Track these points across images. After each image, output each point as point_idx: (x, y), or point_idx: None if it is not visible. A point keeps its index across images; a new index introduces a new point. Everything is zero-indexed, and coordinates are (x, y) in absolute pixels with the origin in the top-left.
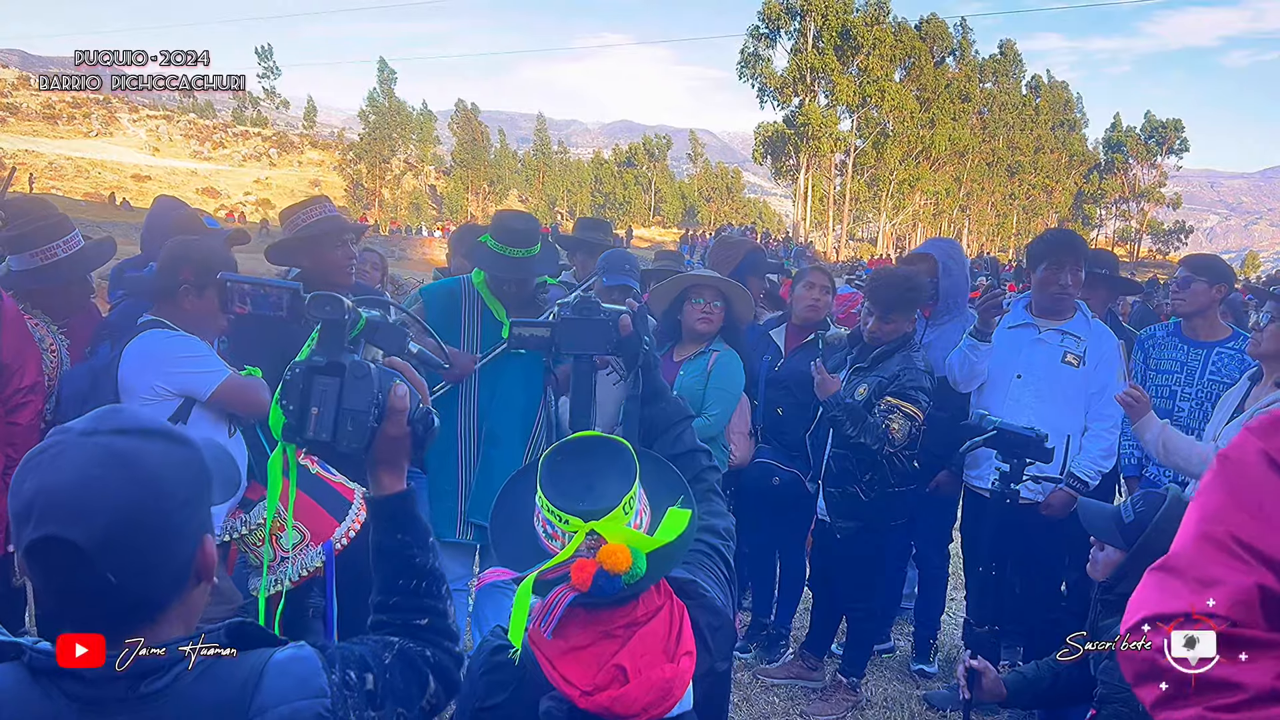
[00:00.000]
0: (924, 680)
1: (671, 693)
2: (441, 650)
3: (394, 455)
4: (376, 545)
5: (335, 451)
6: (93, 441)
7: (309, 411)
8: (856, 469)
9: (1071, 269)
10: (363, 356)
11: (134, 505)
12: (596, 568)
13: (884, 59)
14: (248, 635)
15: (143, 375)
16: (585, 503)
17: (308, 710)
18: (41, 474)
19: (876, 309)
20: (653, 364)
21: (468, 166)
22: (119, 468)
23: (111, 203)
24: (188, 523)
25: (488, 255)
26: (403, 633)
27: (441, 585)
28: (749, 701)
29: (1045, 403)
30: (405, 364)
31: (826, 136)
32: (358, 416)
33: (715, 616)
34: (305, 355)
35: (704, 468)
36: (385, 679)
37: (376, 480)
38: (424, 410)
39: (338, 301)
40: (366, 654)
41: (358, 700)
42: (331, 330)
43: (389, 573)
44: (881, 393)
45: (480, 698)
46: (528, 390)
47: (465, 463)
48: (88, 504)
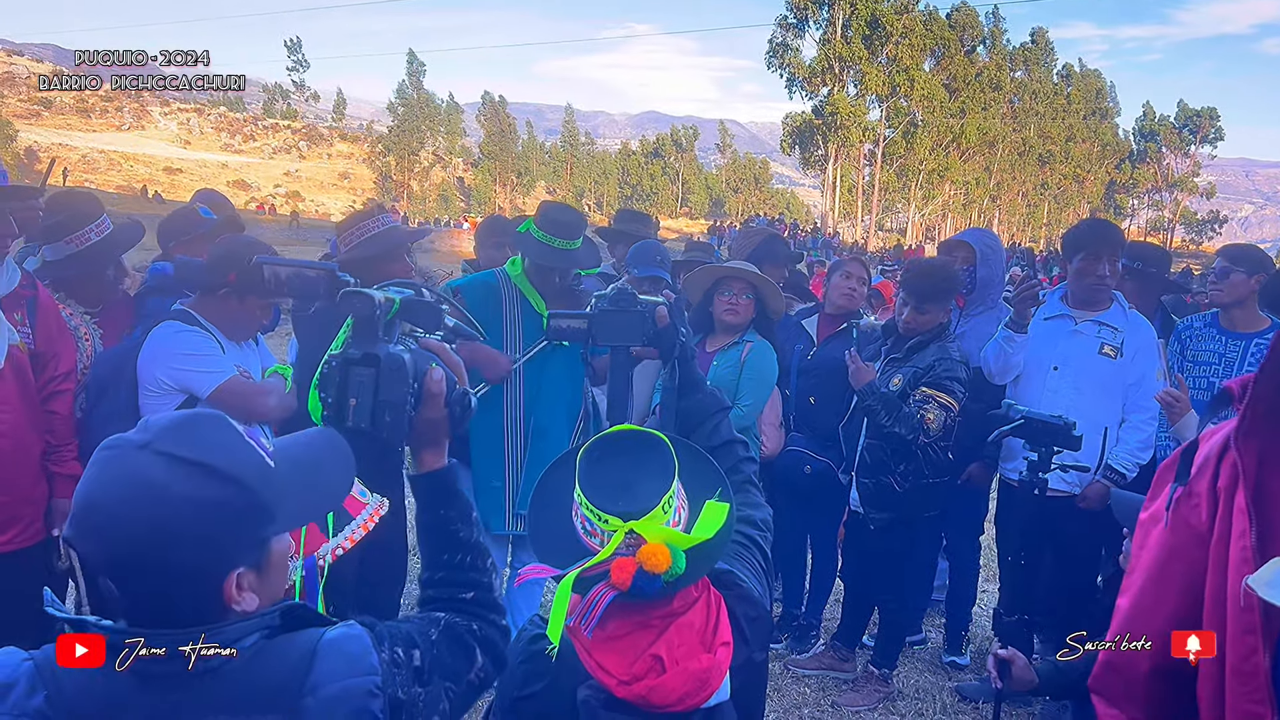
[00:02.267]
0: (955, 672)
1: (708, 683)
2: (487, 623)
3: (434, 436)
4: (420, 522)
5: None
6: (140, 459)
7: (347, 402)
8: (891, 460)
9: (1109, 259)
10: (399, 335)
11: (143, 541)
12: (636, 567)
13: (913, 48)
14: (300, 617)
15: (150, 367)
16: (624, 502)
17: (359, 687)
18: (90, 475)
19: (912, 299)
20: (689, 355)
21: (495, 159)
22: (142, 500)
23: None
24: (201, 564)
25: (533, 245)
26: (449, 607)
27: (486, 559)
28: (780, 692)
29: (1082, 394)
30: (441, 345)
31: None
32: (395, 407)
33: (752, 607)
34: (339, 346)
35: (741, 459)
36: (432, 654)
37: (418, 459)
38: (460, 391)
39: (367, 298)
40: (414, 631)
41: (405, 677)
42: (364, 324)
43: (433, 548)
44: (916, 383)
45: (518, 686)
46: (572, 382)
47: (512, 456)
48: (102, 523)
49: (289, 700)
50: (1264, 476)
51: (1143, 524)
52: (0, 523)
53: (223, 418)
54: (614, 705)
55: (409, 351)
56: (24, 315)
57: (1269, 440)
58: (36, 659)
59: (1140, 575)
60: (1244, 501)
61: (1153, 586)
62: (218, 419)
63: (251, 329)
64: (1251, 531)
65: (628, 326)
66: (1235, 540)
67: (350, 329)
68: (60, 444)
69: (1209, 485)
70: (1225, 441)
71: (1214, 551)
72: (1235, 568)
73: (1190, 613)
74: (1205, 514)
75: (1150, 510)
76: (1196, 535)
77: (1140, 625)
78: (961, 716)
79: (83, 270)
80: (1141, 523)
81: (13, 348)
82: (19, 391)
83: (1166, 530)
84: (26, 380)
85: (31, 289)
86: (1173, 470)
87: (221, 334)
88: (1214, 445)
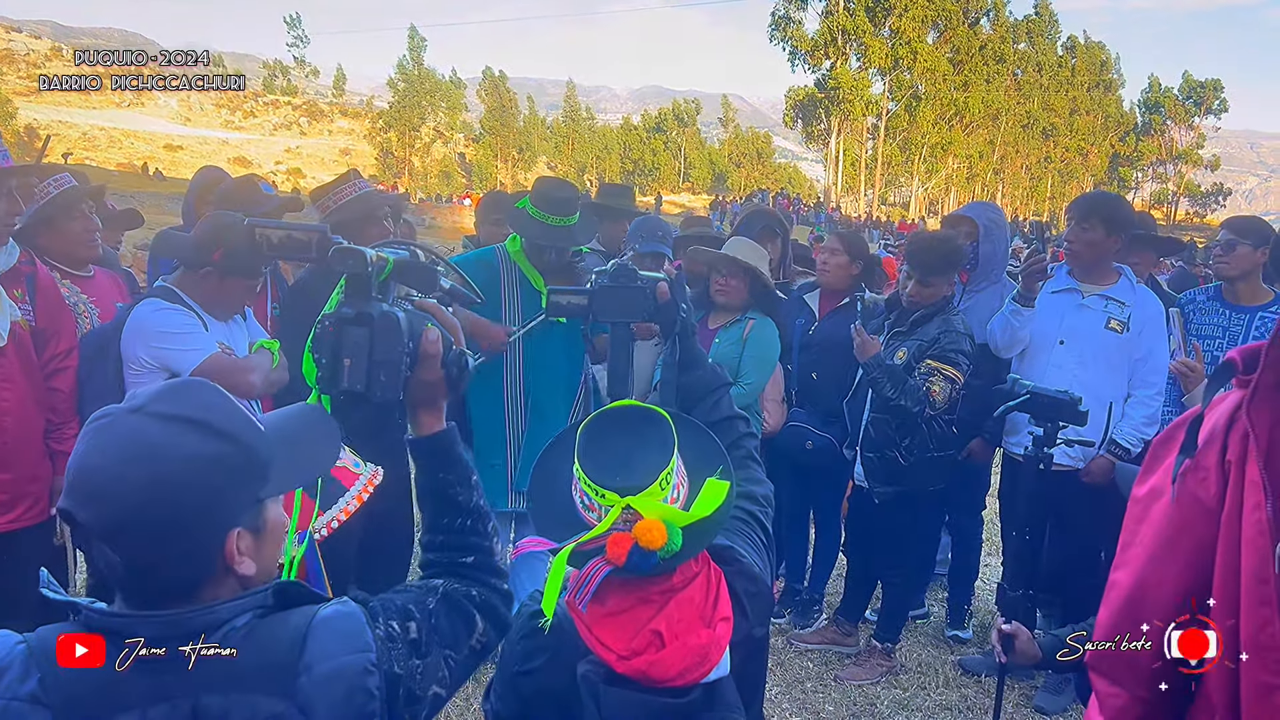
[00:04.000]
0: (958, 646)
1: (708, 658)
2: (488, 588)
3: (431, 397)
4: (421, 486)
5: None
6: (133, 422)
7: (341, 363)
8: (896, 434)
9: (1105, 227)
10: (394, 298)
11: (145, 500)
12: (632, 543)
13: (916, 20)
14: (293, 595)
15: (132, 346)
16: (622, 477)
17: (354, 665)
18: (83, 445)
19: (916, 272)
20: (690, 331)
21: (497, 134)
22: (142, 458)
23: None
24: (204, 521)
25: (528, 222)
26: (449, 571)
27: (487, 523)
28: (783, 666)
29: (1088, 369)
30: (437, 306)
31: (858, 100)
32: (390, 366)
33: (753, 583)
34: (333, 306)
35: (742, 434)
36: (430, 624)
37: (416, 421)
38: (458, 352)
39: (360, 254)
40: (410, 602)
41: (402, 651)
42: (357, 282)
43: (434, 512)
44: (921, 356)
45: (519, 661)
46: (570, 359)
47: (513, 433)
48: (103, 489)
49: (283, 680)
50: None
51: (1140, 499)
52: (6, 501)
53: (208, 383)
54: (614, 680)
55: (404, 311)
56: (24, 292)
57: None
58: (30, 642)
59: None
60: (1257, 473)
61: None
62: (204, 384)
63: (233, 308)
64: (1268, 503)
65: (628, 302)
66: (1249, 513)
67: (343, 288)
68: (63, 421)
69: (1218, 458)
70: (1233, 413)
71: (1225, 525)
72: (1250, 541)
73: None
74: (1214, 487)
75: (1149, 485)
76: (1205, 509)
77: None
78: (965, 690)
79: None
80: (1139, 498)
81: (15, 325)
82: (22, 368)
83: (1172, 504)
84: (29, 357)
85: (31, 265)
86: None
87: (204, 311)
88: (1220, 417)
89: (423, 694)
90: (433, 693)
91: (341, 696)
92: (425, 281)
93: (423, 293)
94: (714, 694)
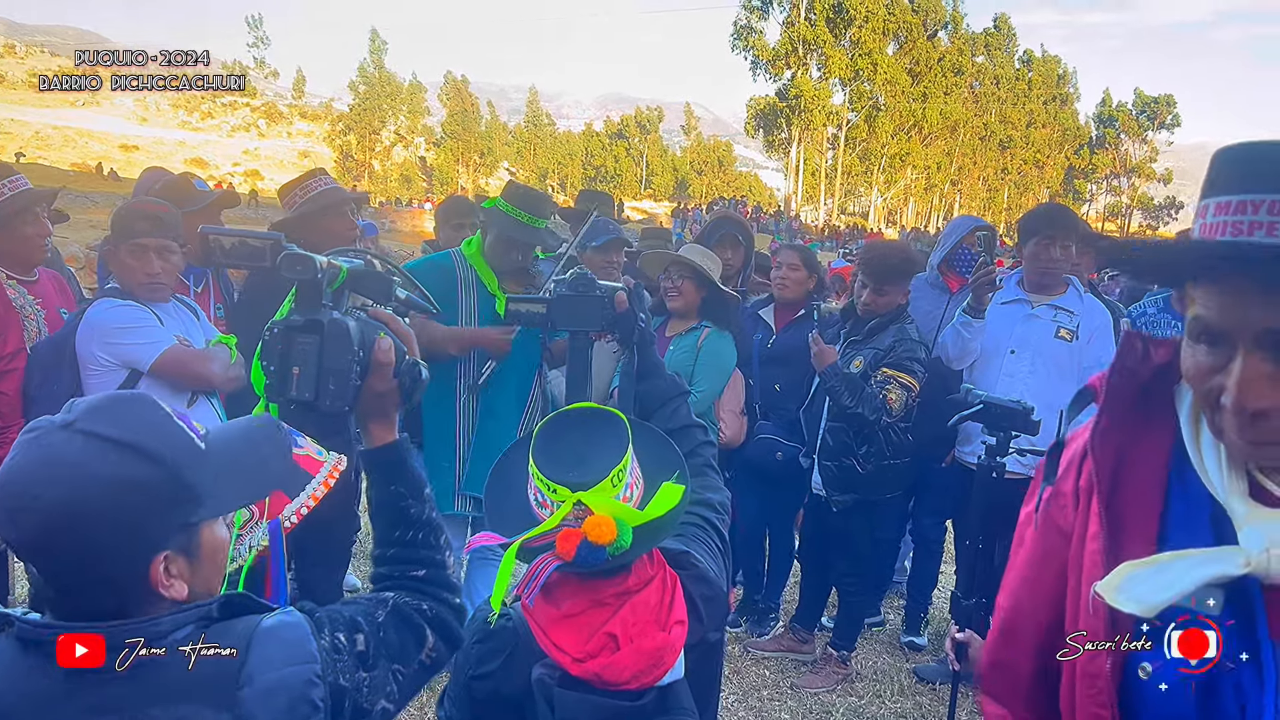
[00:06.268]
0: (914, 653)
1: (662, 660)
2: (439, 602)
3: (382, 408)
4: (372, 498)
5: (319, 411)
6: (60, 438)
7: (290, 371)
8: (853, 442)
9: (1062, 243)
10: (347, 307)
11: (58, 525)
12: (581, 538)
13: (876, 32)
14: (238, 606)
15: (89, 346)
16: (574, 473)
17: (297, 676)
18: (11, 457)
19: (870, 281)
20: (649, 340)
21: (458, 138)
22: (59, 479)
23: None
24: (123, 546)
25: (503, 218)
26: (401, 585)
27: (439, 536)
28: (740, 674)
29: (1038, 378)
30: (390, 315)
31: (819, 110)
32: (340, 375)
33: (708, 587)
34: (284, 314)
35: (700, 442)
36: (379, 636)
37: (367, 433)
38: (410, 362)
39: (309, 260)
40: (358, 614)
41: (348, 663)
42: (307, 289)
43: (385, 524)
44: (877, 364)
45: (473, 665)
46: (523, 365)
47: (463, 436)
48: (23, 505)
49: (225, 691)
50: (1121, 478)
51: (1020, 525)
52: None
53: (151, 398)
54: (568, 683)
55: (355, 319)
56: None
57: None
58: None
59: (1016, 575)
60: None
61: (1028, 589)
62: (145, 399)
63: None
64: (1102, 534)
65: (586, 311)
66: (1089, 543)
67: (294, 296)
68: (6, 425)
69: (1073, 485)
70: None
71: (1073, 554)
72: (1087, 572)
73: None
74: (1070, 514)
75: (1025, 510)
76: (1064, 537)
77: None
78: (919, 697)
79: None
80: (1019, 524)
81: None
82: None
83: (1037, 532)
84: None
85: None
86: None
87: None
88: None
89: (370, 707)
90: (380, 707)
91: (284, 708)
92: (380, 290)
93: (377, 302)
94: (668, 697)
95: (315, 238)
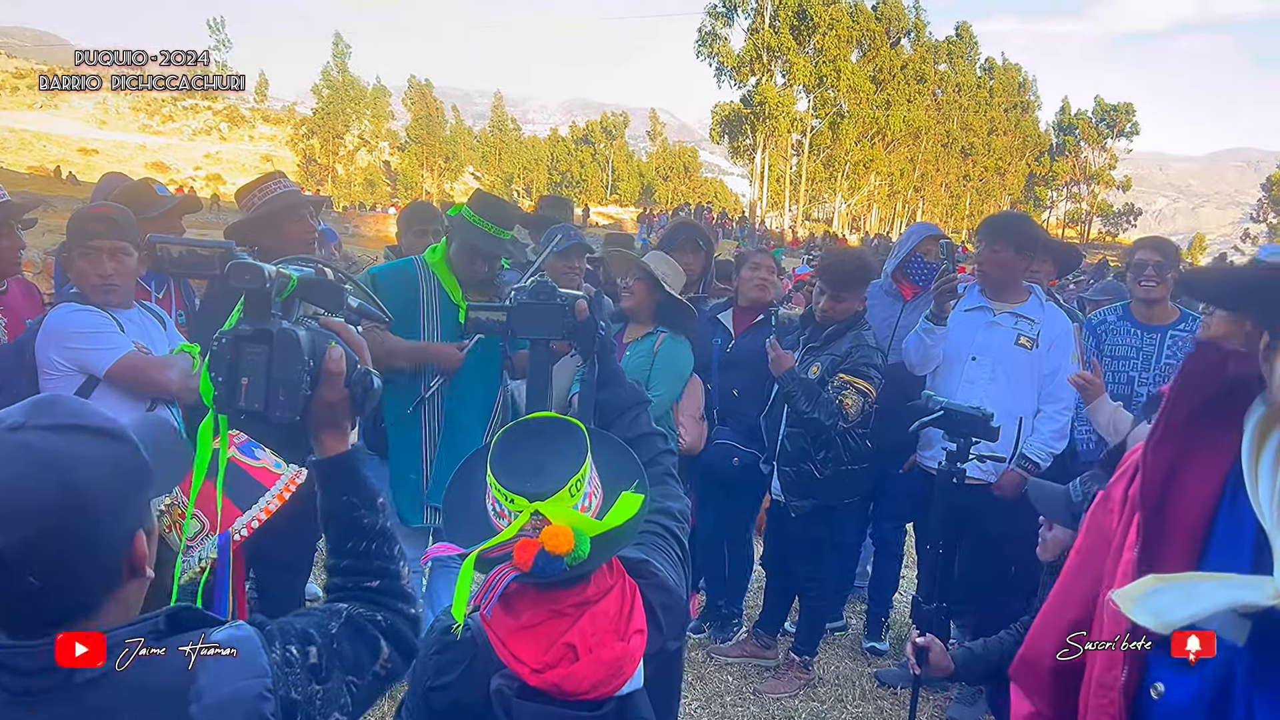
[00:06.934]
0: (875, 658)
1: (621, 670)
2: (394, 613)
3: (334, 418)
4: (323, 509)
5: (269, 422)
6: (20, 439)
7: (239, 382)
8: (811, 447)
9: (1016, 249)
10: (298, 316)
11: (59, 513)
12: (538, 548)
13: (840, 39)
14: (186, 619)
15: (46, 351)
16: (532, 483)
17: (248, 690)
18: None
19: (828, 288)
20: (609, 349)
21: (423, 143)
22: (46, 471)
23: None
24: (117, 524)
25: (468, 228)
26: (355, 596)
27: (393, 546)
28: (703, 680)
29: (998, 384)
30: (341, 324)
31: (783, 116)
32: (290, 385)
33: (667, 596)
34: (232, 324)
35: (660, 451)
36: (332, 648)
37: (319, 443)
38: (362, 371)
39: (257, 269)
40: (310, 626)
41: (300, 676)
42: (255, 298)
43: (338, 535)
44: (835, 370)
45: (431, 676)
46: (487, 374)
47: (427, 447)
48: (11, 510)
49: (175, 708)
50: (1171, 490)
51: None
52: None
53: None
54: (527, 694)
55: (305, 329)
56: None
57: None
58: None
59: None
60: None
61: (1063, 588)
62: (66, 396)
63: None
64: (1138, 545)
65: (547, 320)
66: (1126, 553)
67: (242, 305)
68: None
69: (1122, 492)
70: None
71: (1110, 559)
72: (1118, 581)
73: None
74: (1116, 519)
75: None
76: (1107, 541)
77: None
78: (880, 702)
79: None
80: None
81: None
82: None
83: (1083, 531)
84: None
85: None
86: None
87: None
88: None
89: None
90: (334, 719)
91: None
92: (331, 299)
93: (329, 311)
94: (627, 707)
95: (272, 241)
